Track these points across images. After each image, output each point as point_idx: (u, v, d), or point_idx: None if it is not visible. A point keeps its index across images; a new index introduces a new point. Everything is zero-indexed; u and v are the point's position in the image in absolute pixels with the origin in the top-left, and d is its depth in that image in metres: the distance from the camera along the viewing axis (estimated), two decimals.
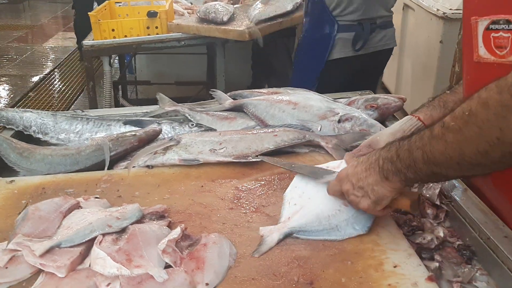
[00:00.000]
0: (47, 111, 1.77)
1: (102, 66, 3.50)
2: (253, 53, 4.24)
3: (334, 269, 1.03)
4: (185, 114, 1.82)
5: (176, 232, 1.08)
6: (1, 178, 1.42)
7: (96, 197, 1.29)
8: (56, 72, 6.28)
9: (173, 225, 1.18)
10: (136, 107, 1.98)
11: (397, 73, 4.58)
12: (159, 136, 1.60)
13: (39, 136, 1.68)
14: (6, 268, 1.03)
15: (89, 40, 3.24)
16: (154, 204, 1.25)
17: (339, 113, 1.63)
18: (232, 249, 1.09)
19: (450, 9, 3.44)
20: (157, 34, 3.28)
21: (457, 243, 1.13)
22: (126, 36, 3.25)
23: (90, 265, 1.02)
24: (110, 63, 3.40)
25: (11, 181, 1.40)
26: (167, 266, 1.01)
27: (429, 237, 1.13)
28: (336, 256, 1.07)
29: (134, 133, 1.55)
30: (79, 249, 1.05)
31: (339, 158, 1.47)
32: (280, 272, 1.02)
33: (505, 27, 0.93)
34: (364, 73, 2.64)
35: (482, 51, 0.99)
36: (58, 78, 6.10)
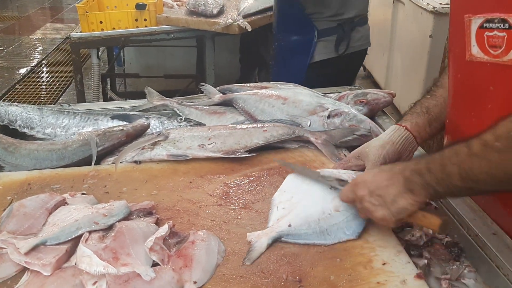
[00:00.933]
0: (33, 105, 1.74)
1: (90, 58, 3.45)
2: (241, 46, 4.22)
3: (323, 266, 1.02)
4: (174, 109, 1.81)
5: (164, 230, 1.07)
6: None
7: (83, 193, 1.27)
8: (43, 64, 6.20)
9: (160, 222, 1.17)
10: (124, 101, 1.97)
11: (387, 67, 4.59)
12: (147, 131, 1.58)
13: (25, 130, 1.65)
14: None
15: (76, 32, 3.19)
16: (141, 200, 1.24)
17: (328, 108, 1.62)
18: (220, 247, 1.08)
19: (440, 4, 3.44)
20: (146, 26, 3.25)
21: (446, 240, 1.13)
22: (114, 28, 3.21)
23: (76, 263, 1.00)
24: (98, 56, 3.36)
25: None
26: (154, 264, 1.00)
27: (417, 234, 1.13)
28: (325, 254, 1.06)
29: (121, 128, 1.53)
30: (65, 246, 1.04)
31: (328, 153, 1.47)
32: (268, 269, 1.02)
33: (500, 26, 0.91)
34: (341, 74, 2.46)
35: (475, 50, 0.97)
36: (45, 70, 6.02)
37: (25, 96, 5.12)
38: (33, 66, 6.06)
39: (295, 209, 1.16)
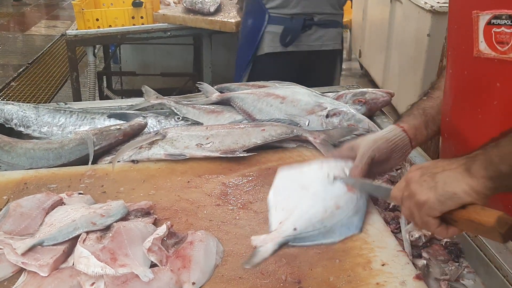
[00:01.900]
0: (30, 103, 1.73)
1: (86, 55, 3.43)
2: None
3: (322, 267, 1.02)
4: (171, 108, 1.80)
5: (162, 230, 1.06)
6: None
7: (80, 193, 1.26)
8: (39, 62, 6.16)
9: (158, 222, 1.16)
10: (121, 99, 1.96)
11: (384, 66, 4.60)
12: (145, 130, 1.57)
13: (21, 129, 1.64)
14: None
15: (72, 29, 3.18)
16: (139, 200, 1.23)
17: (327, 108, 1.62)
18: (219, 247, 1.07)
19: (438, 2, 3.44)
20: (143, 24, 3.23)
21: (445, 240, 1.13)
22: (110, 26, 3.19)
23: (73, 264, 1.00)
24: (94, 54, 3.34)
25: None
26: (152, 265, 1.00)
27: (417, 235, 1.12)
28: (323, 254, 1.06)
29: (118, 127, 1.52)
30: (62, 247, 1.03)
31: (327, 153, 1.46)
32: (267, 270, 1.01)
33: (508, 22, 0.91)
34: (302, 73, 2.39)
35: (482, 46, 0.96)
36: (41, 67, 5.98)
37: (20, 94, 5.09)
38: (28, 64, 6.02)
39: (297, 210, 1.11)
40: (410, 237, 1.12)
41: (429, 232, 0.94)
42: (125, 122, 1.59)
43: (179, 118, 1.67)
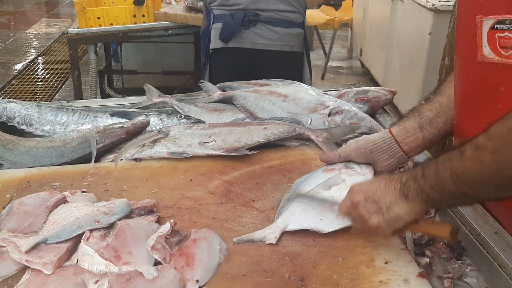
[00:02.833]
0: (32, 101, 1.73)
1: (87, 54, 3.43)
2: None
3: (325, 265, 1.02)
4: (174, 106, 1.80)
5: (166, 228, 1.06)
6: None
7: (83, 191, 1.26)
8: (39, 60, 6.16)
9: (162, 220, 1.16)
10: (123, 98, 1.96)
11: (385, 64, 4.59)
12: (147, 128, 1.57)
13: (23, 127, 1.64)
14: None
15: (74, 28, 3.18)
16: (142, 198, 1.23)
17: (329, 106, 1.62)
18: (222, 245, 1.08)
19: (439, 1, 3.44)
20: (144, 22, 3.23)
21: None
22: (112, 24, 3.19)
23: (77, 262, 1.00)
24: (95, 52, 3.34)
25: None
26: (156, 263, 1.00)
27: (419, 233, 1.12)
28: (327, 252, 1.06)
29: (121, 125, 1.52)
30: (66, 245, 1.03)
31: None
32: (271, 268, 1.01)
33: (511, 27, 0.92)
34: (252, 72, 2.32)
35: (486, 50, 0.97)
36: (42, 66, 5.98)
37: (21, 92, 5.09)
38: (29, 62, 6.02)
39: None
40: (413, 235, 1.13)
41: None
42: (127, 120, 1.59)
43: (182, 116, 1.67)
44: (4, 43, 6.78)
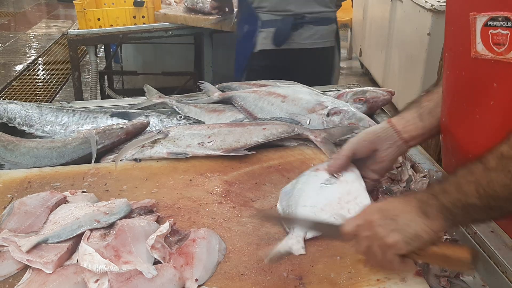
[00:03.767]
0: (32, 102, 1.74)
1: (87, 55, 3.45)
2: None
3: (323, 264, 1.03)
4: (173, 107, 1.81)
5: (165, 227, 1.07)
6: None
7: (83, 191, 1.27)
8: (40, 61, 6.17)
9: (161, 219, 1.17)
10: (123, 99, 1.97)
11: (385, 65, 4.60)
12: (147, 129, 1.58)
13: (24, 128, 1.65)
14: None
15: (74, 29, 3.19)
16: (142, 198, 1.24)
17: (328, 106, 1.63)
18: (221, 244, 1.09)
19: (438, 1, 3.45)
20: (144, 23, 3.25)
21: (444, 237, 1.14)
22: (112, 25, 3.20)
23: (78, 261, 1.01)
24: (95, 53, 3.35)
25: None
26: (156, 262, 1.01)
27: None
28: (325, 251, 1.07)
29: (121, 126, 1.53)
30: (67, 244, 1.04)
31: (328, 151, 1.48)
32: (269, 267, 1.02)
33: (504, 24, 0.92)
34: (295, 71, 2.47)
35: (480, 47, 0.98)
36: (42, 67, 6.00)
37: (21, 93, 5.11)
38: (29, 63, 6.04)
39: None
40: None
41: (388, 269, 1.00)
42: (127, 121, 1.60)
43: (181, 117, 1.69)
44: (5, 44, 6.79)
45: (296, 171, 1.39)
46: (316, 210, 1.15)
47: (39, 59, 6.24)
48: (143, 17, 3.24)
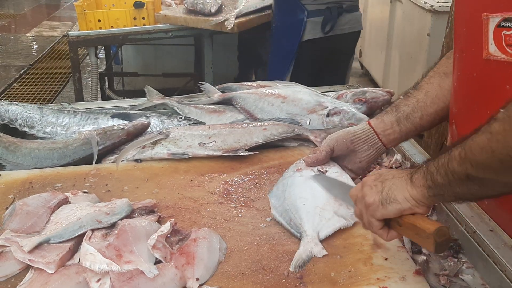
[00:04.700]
0: (33, 104, 1.75)
1: (87, 56, 3.45)
2: (239, 44, 4.22)
3: (323, 263, 1.04)
4: (174, 107, 1.81)
5: (166, 227, 1.08)
6: None
7: (85, 192, 1.28)
8: (40, 63, 6.18)
9: (162, 220, 1.18)
10: (124, 100, 1.97)
11: (385, 65, 4.61)
12: (148, 130, 1.59)
13: (25, 129, 1.66)
14: None
15: (74, 30, 3.19)
16: (143, 199, 1.25)
17: (327, 107, 1.64)
18: (222, 244, 1.09)
19: (438, 2, 3.46)
20: (144, 25, 3.25)
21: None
22: (112, 27, 3.20)
23: (79, 261, 1.01)
24: (96, 54, 3.36)
25: None
26: (157, 262, 1.02)
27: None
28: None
29: (122, 127, 1.54)
30: (68, 244, 1.05)
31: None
32: (270, 266, 1.03)
33: None
34: (335, 54, 2.86)
35: (492, 48, 0.96)
36: (42, 68, 6.00)
37: (22, 95, 5.11)
38: (30, 65, 6.04)
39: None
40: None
41: (373, 232, 1.01)
42: (128, 122, 1.60)
43: (182, 117, 1.69)
44: (5, 46, 6.80)
45: None
46: (320, 211, 1.15)
47: (40, 60, 6.24)
48: (143, 18, 3.24)
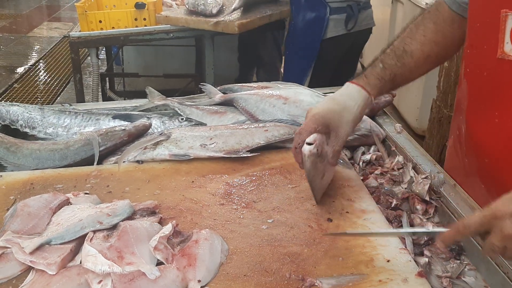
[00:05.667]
0: (35, 104, 1.75)
1: (88, 57, 3.46)
2: (239, 45, 4.22)
3: (325, 265, 1.03)
4: (175, 108, 1.81)
5: (168, 229, 1.08)
6: None
7: (86, 193, 1.28)
8: (41, 63, 6.19)
9: (164, 221, 1.18)
10: (125, 101, 1.97)
11: None
12: (149, 131, 1.59)
13: (26, 130, 1.66)
14: None
15: (75, 31, 3.20)
16: (144, 200, 1.25)
17: None
18: (223, 245, 1.09)
19: None
20: (145, 26, 3.26)
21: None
22: (113, 27, 3.21)
23: (81, 262, 1.01)
24: (97, 55, 3.36)
25: None
26: (158, 263, 1.01)
27: None
28: (327, 252, 1.07)
29: (123, 128, 1.54)
30: (70, 246, 1.04)
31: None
32: (272, 268, 1.03)
33: None
34: (352, 51, 3.07)
35: (508, 47, 0.91)
36: (43, 69, 6.01)
37: (23, 95, 5.12)
38: (30, 65, 6.05)
39: None
40: (412, 235, 1.14)
41: None
42: (129, 123, 1.60)
43: (183, 119, 1.69)
44: (6, 46, 6.81)
45: (297, 172, 1.39)
46: None
47: (41, 61, 6.25)
48: (144, 19, 3.25)
